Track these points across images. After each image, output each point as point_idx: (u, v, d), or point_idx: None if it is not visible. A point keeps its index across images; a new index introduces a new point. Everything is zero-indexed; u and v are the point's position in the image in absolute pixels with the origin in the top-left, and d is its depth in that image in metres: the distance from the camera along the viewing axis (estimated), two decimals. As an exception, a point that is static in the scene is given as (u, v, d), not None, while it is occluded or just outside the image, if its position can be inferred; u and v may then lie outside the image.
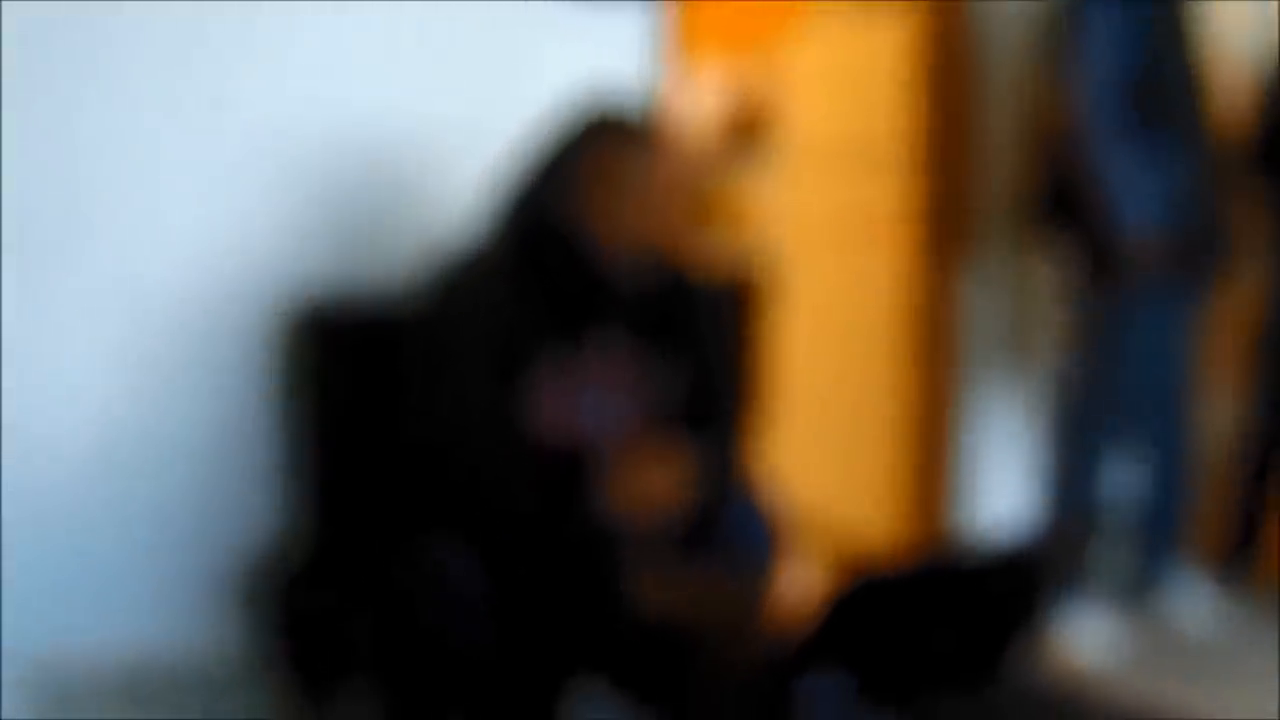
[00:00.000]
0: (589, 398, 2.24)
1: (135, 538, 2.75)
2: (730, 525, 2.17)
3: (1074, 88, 3.31)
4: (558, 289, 2.19)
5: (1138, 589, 3.83)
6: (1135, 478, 3.64)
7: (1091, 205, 3.35)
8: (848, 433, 4.60)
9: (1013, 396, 4.18)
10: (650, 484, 2.05)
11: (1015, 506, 4.05)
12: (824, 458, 4.66)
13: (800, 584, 2.13)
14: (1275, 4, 3.80)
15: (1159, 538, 3.88)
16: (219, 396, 2.79)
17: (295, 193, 2.83)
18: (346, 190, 2.87)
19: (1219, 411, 4.52)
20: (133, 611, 2.77)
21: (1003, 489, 4.15)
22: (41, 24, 2.58)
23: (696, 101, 5.81)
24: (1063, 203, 3.50)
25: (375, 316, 2.63)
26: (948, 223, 3.99)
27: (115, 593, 2.75)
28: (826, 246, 4.72)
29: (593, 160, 2.14)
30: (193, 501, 2.80)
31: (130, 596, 2.77)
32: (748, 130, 5.86)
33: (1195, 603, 3.95)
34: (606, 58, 3.07)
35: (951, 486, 4.11)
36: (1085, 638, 3.48)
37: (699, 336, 2.36)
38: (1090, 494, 3.60)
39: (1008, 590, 1.54)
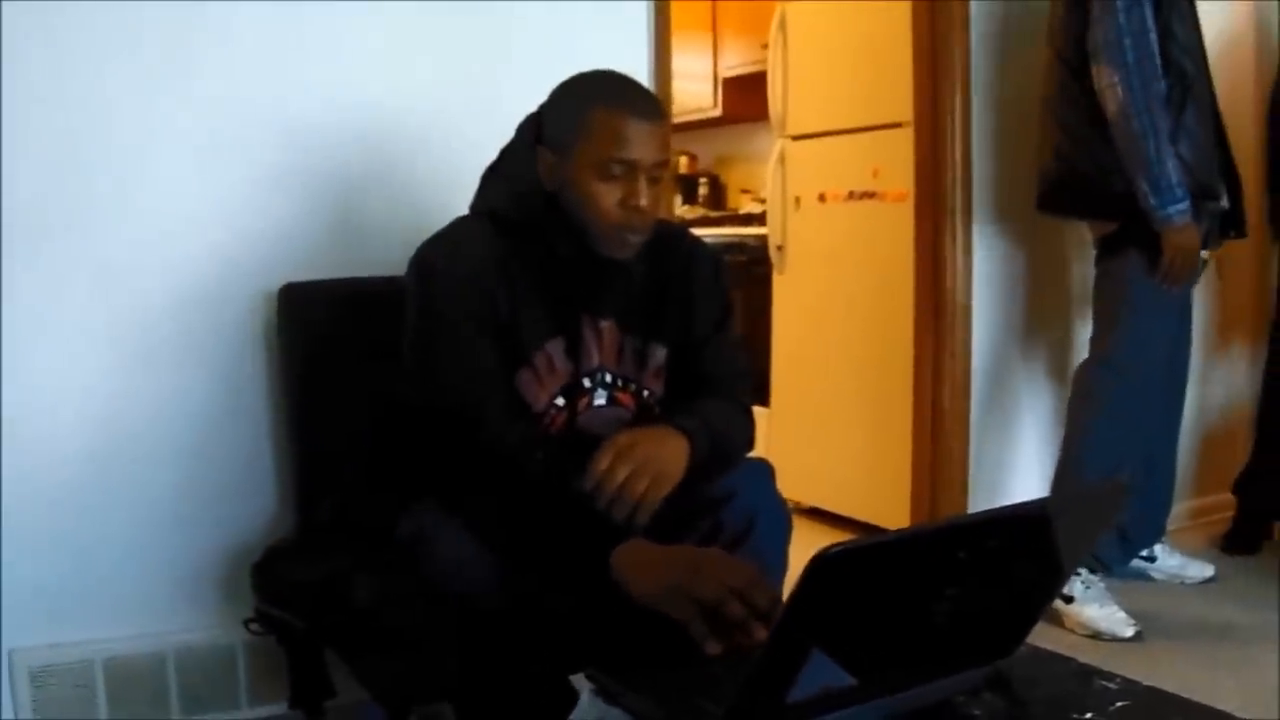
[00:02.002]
0: (581, 371, 2.23)
1: (128, 526, 2.76)
2: (736, 510, 2.14)
3: (1112, 71, 3.32)
4: (547, 256, 2.18)
5: (1123, 560, 3.86)
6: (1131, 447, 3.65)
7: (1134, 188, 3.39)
8: (851, 419, 4.59)
9: (1023, 384, 4.21)
10: (645, 465, 2.01)
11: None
12: (827, 445, 4.66)
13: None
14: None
15: (1153, 508, 3.90)
16: (204, 378, 2.80)
17: (279, 178, 2.84)
18: (336, 177, 2.88)
19: (1227, 382, 4.57)
20: (128, 602, 2.77)
21: (1019, 480, 4.19)
22: (31, 10, 2.57)
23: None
24: (1081, 186, 3.52)
25: (356, 293, 2.65)
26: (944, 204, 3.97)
27: (110, 583, 2.75)
28: (830, 223, 4.71)
29: (582, 129, 2.13)
30: (182, 486, 2.80)
31: (124, 586, 2.77)
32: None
33: (1185, 574, 3.98)
34: (604, 47, 3.12)
35: (965, 480, 4.10)
36: (1086, 608, 3.50)
37: (695, 307, 2.34)
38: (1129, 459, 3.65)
39: (1023, 548, 1.50)
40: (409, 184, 2.83)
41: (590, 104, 2.13)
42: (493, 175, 2.31)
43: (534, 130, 2.23)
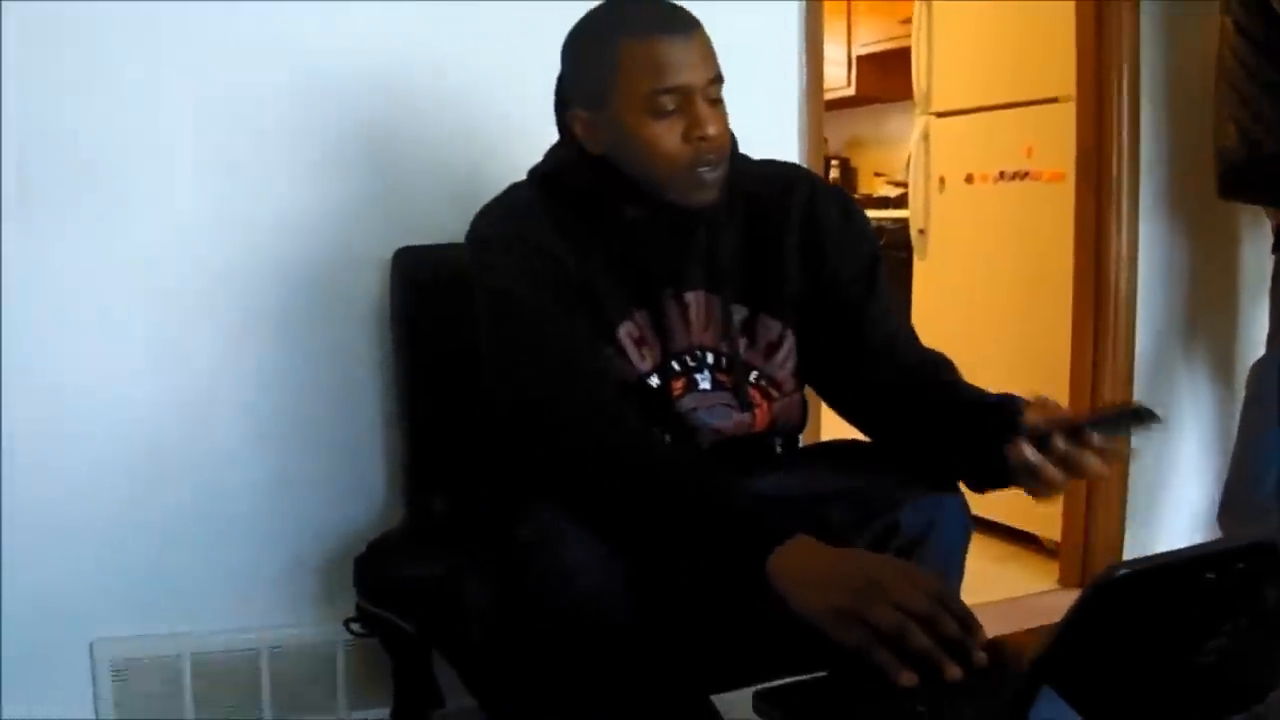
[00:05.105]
0: (670, 351, 1.95)
1: (223, 511, 2.58)
2: (916, 508, 1.84)
3: None
4: (613, 223, 1.91)
5: None
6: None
7: None
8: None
9: (1185, 382, 3.90)
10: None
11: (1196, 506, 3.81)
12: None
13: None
14: None
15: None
16: (308, 352, 2.61)
17: (394, 131, 2.63)
18: (458, 132, 2.67)
19: None
20: (220, 594, 2.60)
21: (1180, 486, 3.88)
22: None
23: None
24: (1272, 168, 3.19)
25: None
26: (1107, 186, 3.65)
27: (202, 573, 2.57)
28: (978, 205, 4.42)
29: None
30: (283, 470, 2.62)
31: (217, 577, 2.59)
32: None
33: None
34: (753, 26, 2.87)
35: (1124, 484, 3.77)
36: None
37: (828, 264, 2.02)
38: None
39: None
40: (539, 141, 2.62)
41: (612, 40, 1.84)
42: (557, 141, 2.05)
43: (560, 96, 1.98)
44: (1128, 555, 3.69)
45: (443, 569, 1.95)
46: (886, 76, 5.88)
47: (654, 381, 1.93)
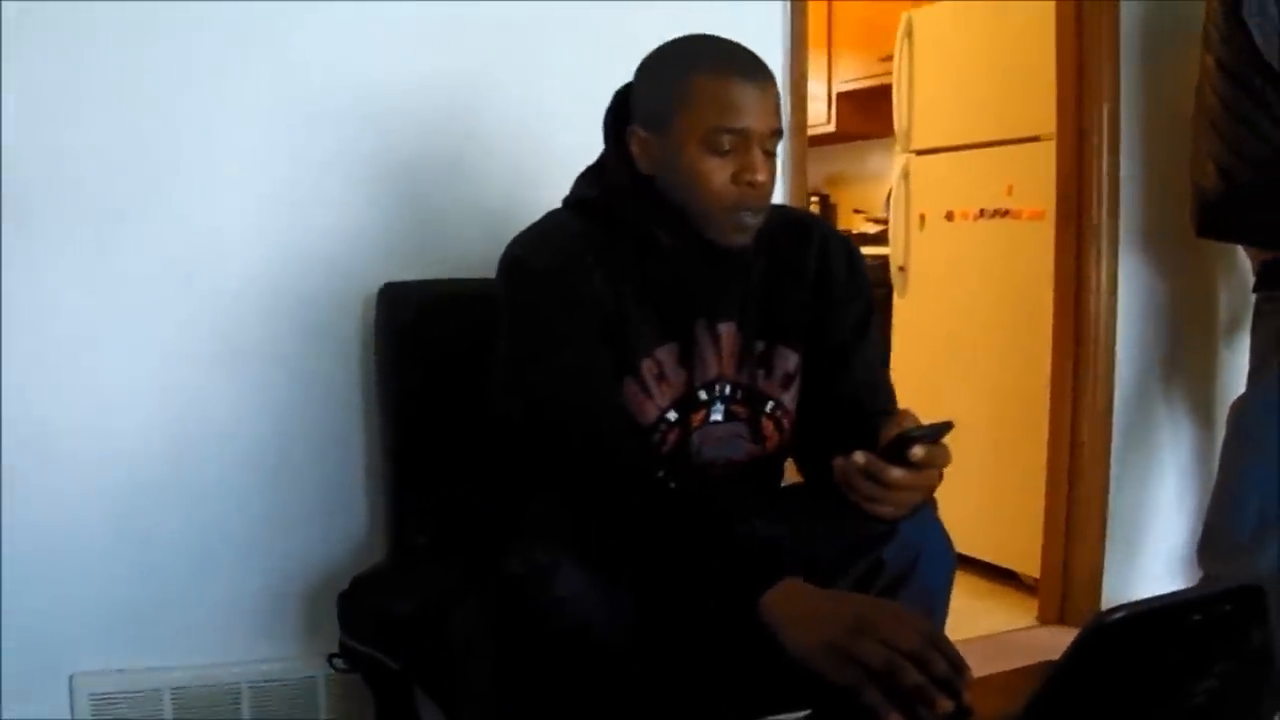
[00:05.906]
0: (696, 382, 1.98)
1: (203, 545, 2.57)
2: (899, 546, 1.87)
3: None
4: (649, 249, 1.93)
5: None
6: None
7: None
8: (979, 452, 4.28)
9: (1164, 419, 3.90)
10: None
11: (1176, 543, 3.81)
12: (953, 480, 4.38)
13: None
14: None
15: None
16: (290, 385, 2.60)
17: (380, 166, 2.63)
18: (441, 168, 2.68)
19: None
20: (201, 627, 2.58)
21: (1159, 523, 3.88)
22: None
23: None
24: (1254, 207, 3.19)
25: (467, 295, 2.34)
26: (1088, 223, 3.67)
27: (182, 607, 2.56)
28: (958, 242, 4.44)
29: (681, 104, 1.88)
30: (264, 503, 2.61)
31: (198, 611, 2.58)
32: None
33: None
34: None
35: (1103, 520, 3.77)
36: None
37: (834, 306, 2.07)
38: None
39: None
40: (523, 177, 2.61)
41: (689, 71, 1.87)
42: (588, 169, 2.07)
43: (618, 110, 2.00)
44: (1107, 592, 3.70)
45: (424, 603, 1.95)
46: (867, 113, 5.89)
47: (672, 416, 1.96)
